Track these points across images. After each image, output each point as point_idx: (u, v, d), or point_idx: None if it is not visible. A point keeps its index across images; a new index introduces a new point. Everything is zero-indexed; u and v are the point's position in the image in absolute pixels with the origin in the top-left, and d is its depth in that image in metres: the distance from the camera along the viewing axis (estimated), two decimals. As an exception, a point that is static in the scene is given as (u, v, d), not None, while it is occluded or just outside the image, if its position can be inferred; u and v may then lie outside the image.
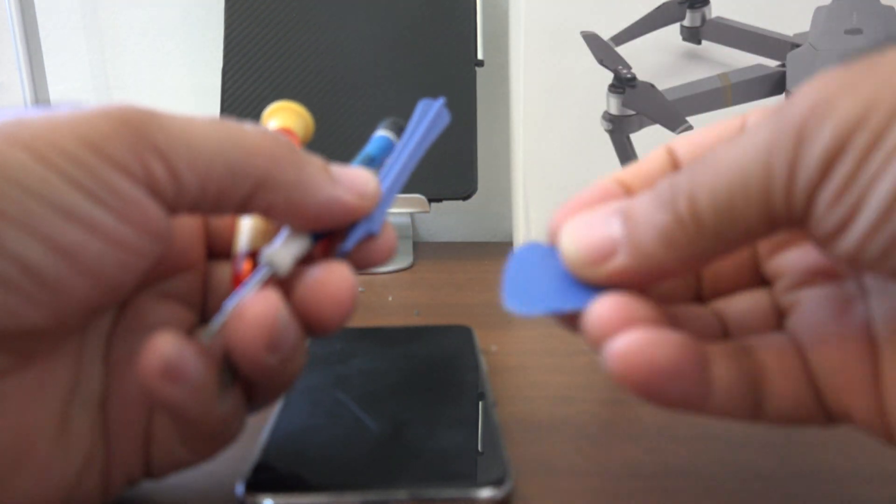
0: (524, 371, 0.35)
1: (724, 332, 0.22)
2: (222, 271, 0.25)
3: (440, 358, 0.33)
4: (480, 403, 0.28)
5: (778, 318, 0.22)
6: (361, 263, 0.24)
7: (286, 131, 0.27)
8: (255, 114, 0.63)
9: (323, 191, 0.22)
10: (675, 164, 0.22)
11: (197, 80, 0.74)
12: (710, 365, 0.19)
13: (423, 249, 0.66)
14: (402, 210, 0.61)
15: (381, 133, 0.29)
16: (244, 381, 0.22)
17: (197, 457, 0.22)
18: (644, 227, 0.18)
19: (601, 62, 0.56)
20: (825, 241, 0.17)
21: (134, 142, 0.19)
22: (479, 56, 0.63)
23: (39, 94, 0.67)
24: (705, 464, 0.25)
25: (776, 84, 0.56)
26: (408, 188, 0.62)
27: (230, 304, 0.20)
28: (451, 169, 0.61)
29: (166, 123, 0.20)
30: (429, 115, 0.30)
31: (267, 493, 0.22)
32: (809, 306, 0.21)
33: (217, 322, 0.20)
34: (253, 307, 0.20)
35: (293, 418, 0.27)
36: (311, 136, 0.29)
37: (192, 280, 0.25)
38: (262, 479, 0.23)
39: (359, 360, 0.33)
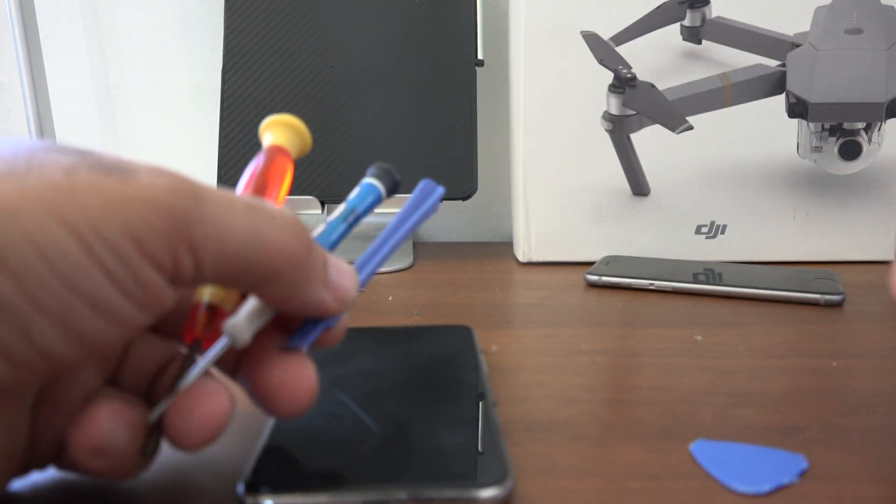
0: (524, 371, 0.35)
1: None
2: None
3: (440, 358, 0.33)
4: (480, 403, 0.28)
5: None
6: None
7: (278, 149, 0.27)
8: (254, 113, 0.63)
9: (315, 294, 0.23)
10: None
11: (197, 80, 0.74)
12: None
13: (423, 249, 0.66)
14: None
15: (369, 181, 0.29)
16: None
17: None
18: None
19: (601, 62, 0.56)
20: None
21: (173, 236, 0.19)
22: (479, 56, 0.63)
23: (39, 94, 0.67)
24: (705, 464, 0.25)
25: (776, 84, 0.56)
26: (408, 188, 0.62)
27: (184, 384, 0.22)
28: (451, 169, 0.61)
29: (207, 214, 0.20)
30: (428, 201, 0.29)
31: (267, 493, 0.22)
32: None
33: (164, 404, 0.22)
34: (203, 406, 0.22)
35: (293, 418, 0.27)
36: (308, 148, 0.29)
37: None
38: (262, 479, 0.23)
39: (359, 360, 0.33)
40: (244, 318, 0.23)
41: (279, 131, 0.27)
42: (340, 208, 0.26)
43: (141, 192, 0.19)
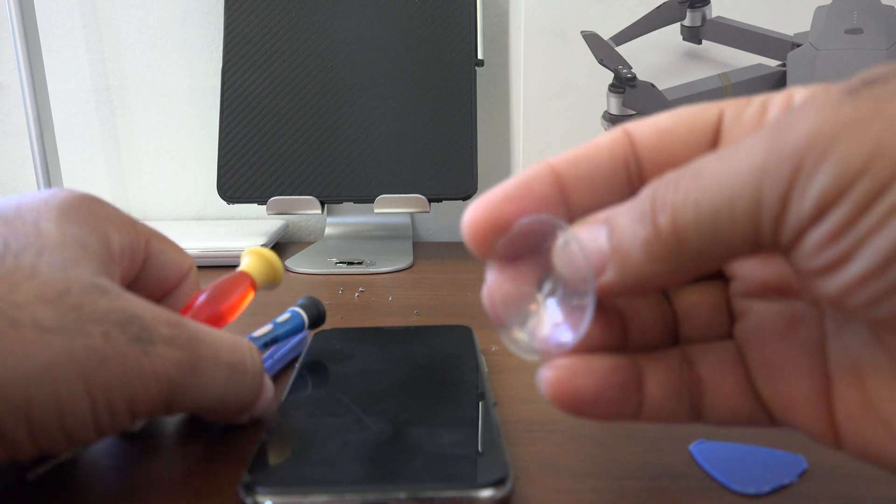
0: (524, 371, 0.35)
1: (672, 327, 0.22)
2: None
3: (440, 358, 0.33)
4: (480, 403, 0.28)
5: (728, 316, 0.22)
6: None
7: (245, 275, 0.31)
8: (254, 113, 0.63)
9: (243, 419, 0.28)
10: (633, 146, 0.20)
11: (197, 80, 0.74)
12: (644, 380, 0.20)
13: (423, 249, 0.66)
14: (402, 210, 0.61)
15: (297, 309, 0.34)
16: None
17: None
18: (628, 240, 0.18)
19: (601, 62, 0.56)
20: (807, 276, 0.16)
21: (161, 404, 0.23)
22: (479, 56, 0.63)
23: (39, 94, 0.67)
24: (705, 464, 0.25)
25: (776, 84, 0.56)
26: (408, 188, 0.62)
27: None
28: (451, 169, 0.61)
29: (197, 384, 0.24)
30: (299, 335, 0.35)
31: (267, 493, 0.22)
32: (758, 320, 0.20)
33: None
34: None
35: (293, 418, 0.27)
36: (279, 278, 0.33)
37: None
38: (262, 479, 0.23)
39: (359, 360, 0.33)
40: None
41: (251, 259, 0.32)
42: (266, 329, 0.31)
43: (153, 367, 0.22)
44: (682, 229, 0.17)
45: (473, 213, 0.20)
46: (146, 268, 0.28)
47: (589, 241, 0.19)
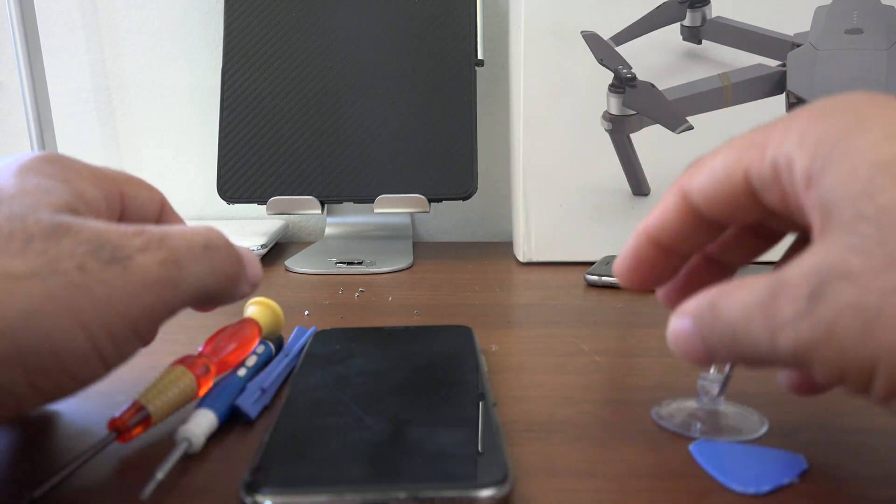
0: (524, 371, 0.35)
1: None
2: None
3: (440, 358, 0.33)
4: (480, 403, 0.28)
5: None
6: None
7: (251, 321, 0.34)
8: (254, 113, 0.63)
9: (242, 291, 0.29)
10: (691, 211, 0.25)
11: (197, 80, 0.74)
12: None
13: (423, 249, 0.66)
14: (402, 210, 0.61)
15: (267, 341, 0.35)
16: None
17: None
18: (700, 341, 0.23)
19: (601, 62, 0.56)
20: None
21: (163, 312, 0.24)
22: (479, 56, 0.63)
23: (39, 94, 0.67)
24: (705, 464, 0.25)
25: (776, 84, 0.56)
26: (408, 188, 0.62)
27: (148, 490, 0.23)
28: (451, 169, 0.61)
29: (186, 276, 0.24)
30: (302, 339, 0.37)
31: (267, 493, 0.22)
32: None
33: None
34: None
35: (293, 418, 0.27)
36: (281, 326, 0.36)
37: None
38: (262, 479, 0.23)
39: (359, 360, 0.33)
40: (194, 423, 0.26)
41: (258, 308, 0.35)
42: (251, 361, 0.32)
43: (139, 277, 0.23)
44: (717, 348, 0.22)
45: (620, 277, 0.28)
46: (125, 215, 0.28)
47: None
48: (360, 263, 0.58)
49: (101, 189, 0.26)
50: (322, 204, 0.61)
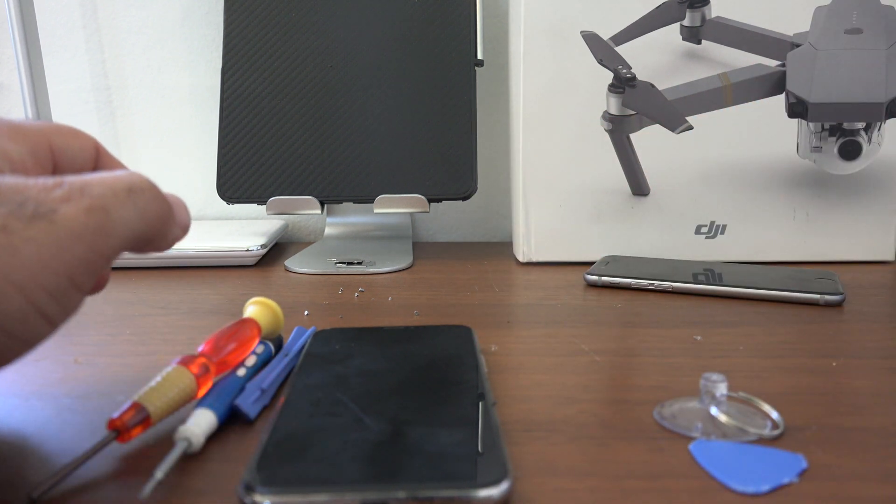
0: (524, 371, 0.35)
1: None
2: None
3: (440, 358, 0.33)
4: (480, 403, 0.28)
5: None
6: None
7: (251, 321, 0.34)
8: (254, 113, 0.63)
9: (174, 235, 0.28)
10: None
11: (197, 81, 0.74)
12: None
13: (423, 249, 0.66)
14: (402, 210, 0.61)
15: (266, 342, 0.35)
16: None
17: None
18: None
19: (601, 62, 0.56)
20: None
21: (99, 262, 0.23)
22: (479, 56, 0.63)
23: (39, 94, 0.67)
24: (705, 464, 0.25)
25: (776, 84, 0.56)
26: (408, 188, 0.62)
27: (147, 489, 0.23)
28: (451, 169, 0.61)
29: (115, 221, 0.24)
30: (301, 339, 0.37)
31: (266, 493, 0.22)
32: None
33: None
34: None
35: (293, 418, 0.27)
36: (280, 326, 0.36)
37: None
38: (261, 478, 0.23)
39: (359, 360, 0.33)
40: (193, 423, 0.26)
41: (257, 308, 0.35)
42: (251, 361, 0.32)
43: (66, 228, 0.22)
44: None
45: None
46: (59, 167, 0.28)
47: None
48: (359, 263, 0.58)
49: (26, 144, 0.26)
50: (322, 204, 0.61)
